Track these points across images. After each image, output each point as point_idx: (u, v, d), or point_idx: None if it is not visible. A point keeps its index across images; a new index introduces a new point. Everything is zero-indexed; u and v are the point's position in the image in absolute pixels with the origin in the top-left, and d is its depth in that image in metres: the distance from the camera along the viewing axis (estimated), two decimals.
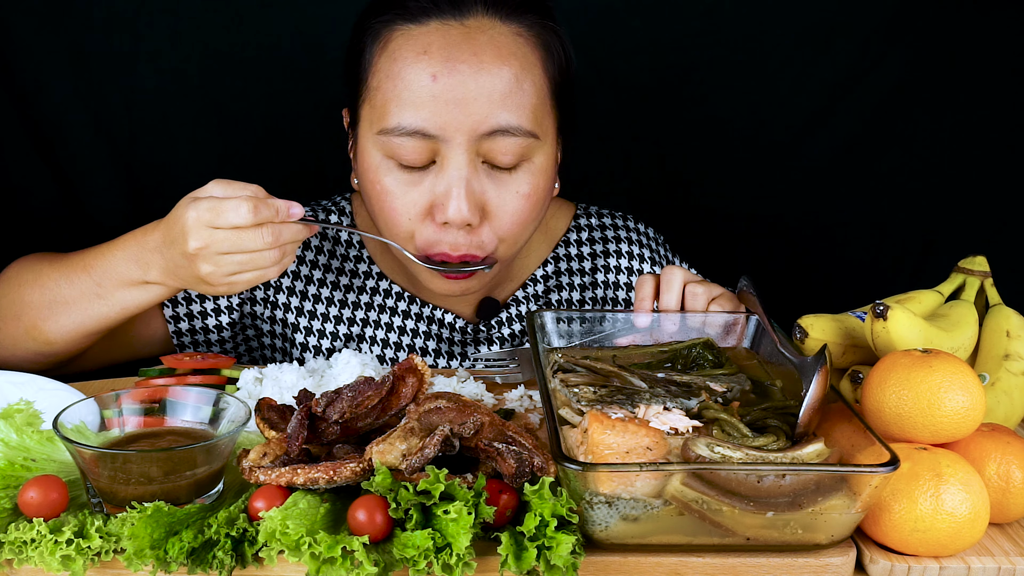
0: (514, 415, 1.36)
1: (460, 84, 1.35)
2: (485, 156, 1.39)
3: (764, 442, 1.10)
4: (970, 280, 1.45)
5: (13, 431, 1.15)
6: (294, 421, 1.12)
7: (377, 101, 1.40)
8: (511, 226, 1.44)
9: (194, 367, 1.42)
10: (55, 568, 0.99)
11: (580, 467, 0.99)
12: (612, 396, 1.20)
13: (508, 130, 1.37)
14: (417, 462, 1.04)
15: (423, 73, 1.36)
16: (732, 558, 1.04)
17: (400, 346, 1.62)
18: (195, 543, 1.00)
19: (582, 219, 1.71)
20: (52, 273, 1.46)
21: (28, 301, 1.46)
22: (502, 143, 1.38)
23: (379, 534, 1.01)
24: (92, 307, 1.42)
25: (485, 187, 1.41)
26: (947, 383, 1.12)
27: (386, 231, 1.46)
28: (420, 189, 1.41)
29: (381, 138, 1.40)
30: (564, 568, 0.97)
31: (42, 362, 1.49)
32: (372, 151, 1.43)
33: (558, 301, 1.65)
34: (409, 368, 1.19)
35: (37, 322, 1.45)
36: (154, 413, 1.16)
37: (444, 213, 1.39)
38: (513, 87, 1.37)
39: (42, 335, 1.45)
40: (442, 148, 1.38)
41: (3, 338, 1.49)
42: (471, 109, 1.35)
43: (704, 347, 1.36)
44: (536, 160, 1.43)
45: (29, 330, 1.46)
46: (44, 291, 1.45)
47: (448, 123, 1.36)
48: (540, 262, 1.67)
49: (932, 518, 1.04)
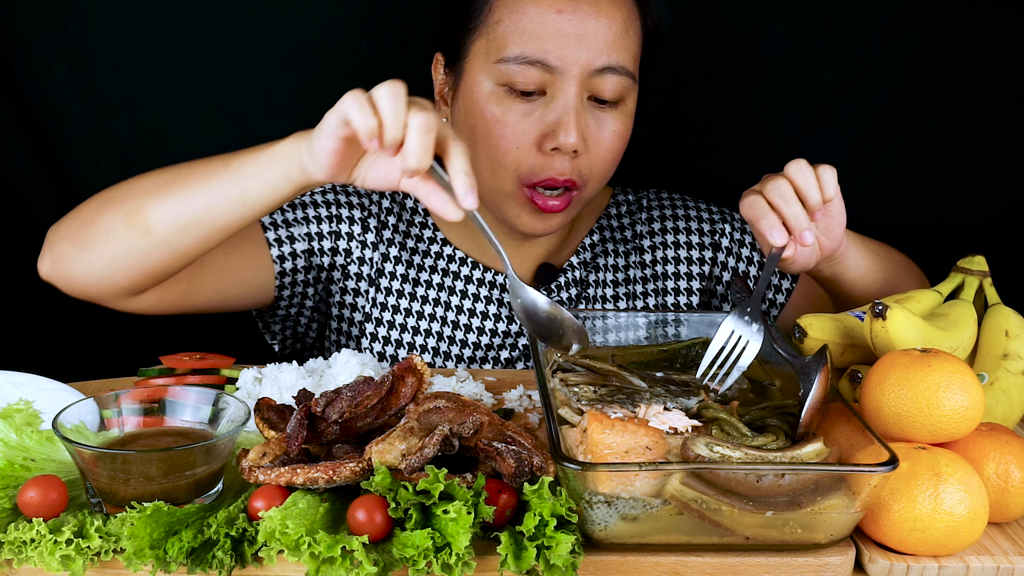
0: (513, 415, 1.37)
1: (581, 21, 1.46)
2: (592, 91, 1.50)
3: (763, 441, 1.11)
4: (969, 280, 1.45)
5: (13, 431, 1.15)
6: (293, 421, 1.12)
7: (498, 33, 1.50)
8: (604, 161, 1.55)
9: (193, 367, 1.42)
10: (55, 568, 0.99)
11: (579, 467, 0.99)
12: (612, 395, 1.20)
13: (616, 69, 1.49)
14: (416, 462, 1.04)
15: (548, 8, 1.47)
16: (731, 557, 1.04)
17: (462, 309, 1.70)
18: (195, 543, 1.00)
19: (619, 196, 1.83)
20: (185, 164, 1.39)
21: (137, 187, 1.39)
22: (609, 80, 1.49)
23: (379, 534, 1.01)
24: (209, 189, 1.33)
25: (588, 121, 1.51)
26: (946, 383, 1.12)
27: (492, 160, 1.53)
28: (531, 119, 1.49)
29: (499, 67, 1.49)
30: (563, 568, 0.97)
31: (132, 267, 1.39)
32: (484, 81, 1.51)
33: (604, 265, 1.75)
34: (408, 368, 1.19)
35: (142, 204, 1.36)
36: (153, 413, 1.16)
37: (556, 139, 1.48)
38: (623, 31, 1.50)
39: (142, 220, 1.36)
40: (556, 80, 1.48)
41: (97, 231, 1.39)
42: (589, 44, 1.46)
43: (703, 347, 1.36)
44: (628, 103, 1.55)
45: (129, 214, 1.37)
46: (160, 176, 1.39)
47: (567, 55, 1.46)
48: (587, 231, 1.77)
49: (931, 517, 1.04)
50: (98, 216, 1.39)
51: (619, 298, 1.74)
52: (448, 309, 1.70)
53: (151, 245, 1.37)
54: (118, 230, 1.37)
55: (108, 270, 1.39)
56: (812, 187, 1.32)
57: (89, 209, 1.42)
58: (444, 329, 1.69)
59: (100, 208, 1.40)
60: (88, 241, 1.39)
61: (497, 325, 1.70)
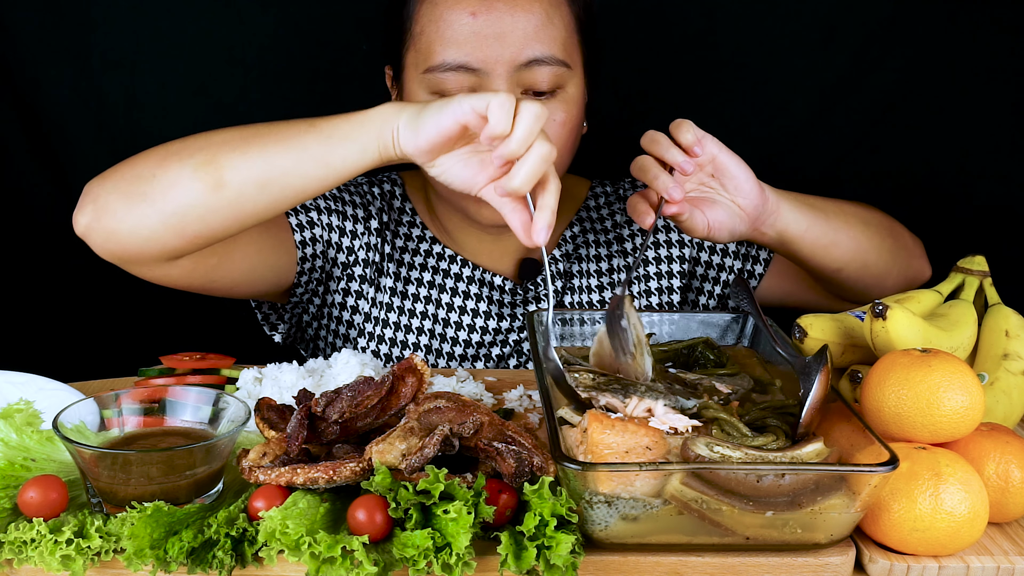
0: (514, 415, 1.37)
1: (497, 20, 1.48)
2: (525, 85, 1.51)
3: (763, 441, 1.11)
4: (969, 280, 1.45)
5: (13, 431, 1.15)
6: (294, 421, 1.12)
7: (422, 44, 1.52)
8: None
9: (193, 367, 1.42)
10: (55, 568, 0.99)
11: (579, 467, 0.99)
12: (608, 384, 1.19)
13: (543, 60, 1.50)
14: (417, 462, 1.04)
15: (463, 12, 1.49)
16: (731, 557, 1.04)
17: (452, 307, 1.71)
18: (195, 543, 1.00)
19: (597, 188, 1.85)
20: (257, 124, 1.36)
21: (208, 141, 1.34)
22: (538, 72, 1.50)
23: (379, 534, 1.01)
24: (293, 149, 1.30)
25: None
26: (946, 383, 1.12)
27: None
28: None
29: (427, 76, 1.51)
30: (564, 568, 0.97)
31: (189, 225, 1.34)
32: (418, 92, 1.54)
33: (587, 256, 1.77)
34: (408, 368, 1.19)
35: (217, 156, 1.31)
36: (154, 413, 1.17)
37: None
38: (544, 22, 1.51)
39: (216, 172, 1.31)
40: (484, 80, 1.49)
41: (159, 183, 1.32)
42: (508, 42, 1.48)
43: (705, 346, 1.36)
44: (569, 90, 1.55)
45: (200, 165, 1.31)
46: (233, 132, 1.35)
47: (488, 56, 1.48)
48: (567, 224, 1.79)
49: (931, 517, 1.04)
50: (160, 169, 1.33)
51: (603, 288, 1.76)
52: (439, 307, 1.71)
53: (220, 201, 1.31)
54: (184, 183, 1.31)
55: (162, 226, 1.33)
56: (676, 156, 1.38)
57: (147, 162, 1.35)
58: (436, 327, 1.71)
59: (163, 161, 1.34)
60: (146, 195, 1.32)
61: (488, 323, 1.71)
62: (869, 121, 2.07)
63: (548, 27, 1.51)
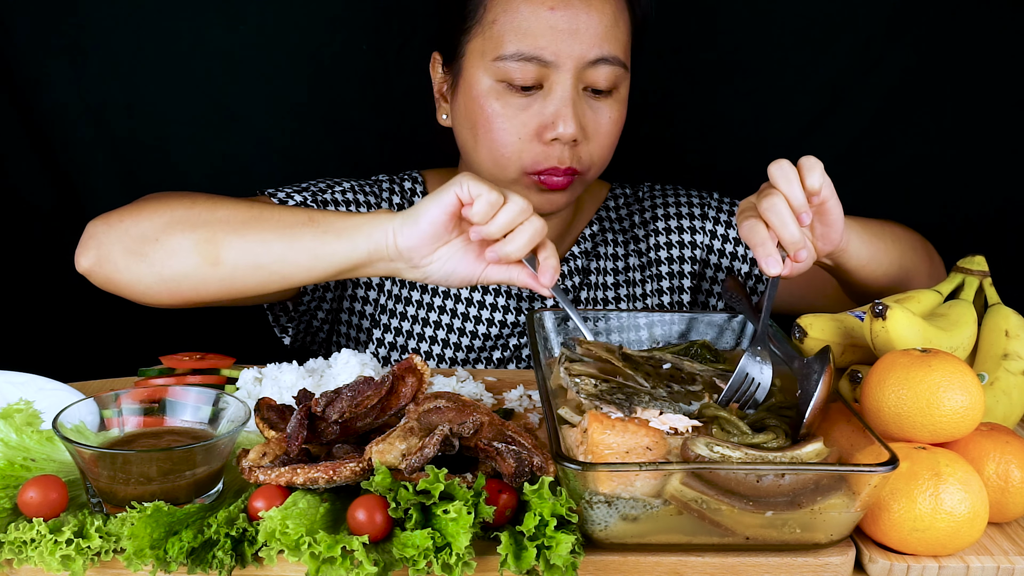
0: (514, 415, 1.37)
1: (573, 16, 1.52)
2: (586, 82, 1.56)
3: (763, 439, 1.11)
4: (969, 280, 1.45)
5: (13, 431, 1.15)
6: (294, 421, 1.12)
7: (494, 32, 1.55)
8: (603, 147, 1.62)
9: (193, 367, 1.42)
10: (55, 568, 0.99)
11: (579, 467, 0.99)
12: (612, 393, 1.19)
13: (609, 59, 1.55)
14: (417, 462, 1.04)
15: (541, 5, 1.53)
16: (731, 557, 1.04)
17: (455, 313, 1.73)
18: (195, 543, 1.00)
19: (617, 189, 1.89)
20: (258, 205, 1.41)
21: (212, 216, 1.39)
22: (603, 71, 1.55)
23: (379, 534, 1.01)
24: (289, 238, 1.35)
25: (585, 111, 1.57)
26: (946, 382, 1.12)
27: (491, 153, 1.59)
28: (530, 112, 1.56)
29: (496, 64, 1.55)
30: (564, 568, 0.97)
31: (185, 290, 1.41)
32: (483, 78, 1.57)
33: (604, 254, 1.81)
34: (408, 368, 1.19)
35: (217, 234, 1.38)
36: (154, 413, 1.17)
37: (555, 130, 1.54)
38: (613, 23, 1.56)
39: (214, 250, 1.38)
40: (552, 74, 1.54)
41: (161, 248, 1.39)
42: (581, 38, 1.53)
43: (703, 348, 1.36)
44: (622, 90, 1.62)
45: (203, 240, 1.38)
46: (237, 210, 1.40)
47: (561, 50, 1.52)
48: (587, 222, 1.83)
49: (931, 517, 1.04)
50: (164, 234, 1.39)
51: (619, 285, 1.79)
52: (442, 313, 1.73)
53: (215, 276, 1.39)
54: (183, 254, 1.38)
55: (159, 286, 1.40)
56: (799, 197, 1.30)
57: (152, 222, 1.41)
58: (438, 333, 1.73)
59: (167, 227, 1.39)
60: (147, 255, 1.39)
61: (490, 329, 1.73)
62: (869, 121, 2.07)
63: (615, 28, 1.56)
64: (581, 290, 1.78)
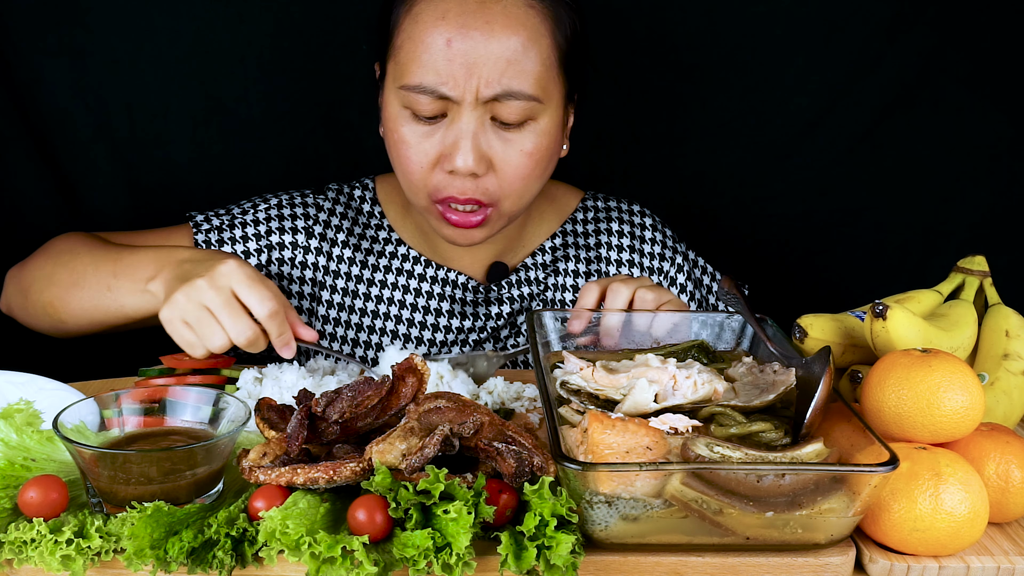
0: (514, 415, 1.37)
1: (471, 49, 1.47)
2: (493, 115, 1.52)
3: (762, 427, 1.11)
4: (969, 280, 1.45)
5: (13, 431, 1.15)
6: (294, 421, 1.12)
7: (400, 58, 1.54)
8: (514, 180, 1.56)
9: (193, 367, 1.42)
10: (55, 568, 0.99)
11: (580, 467, 0.99)
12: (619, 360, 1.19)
13: (512, 94, 1.49)
14: (417, 462, 1.04)
15: (439, 37, 1.48)
16: (732, 558, 1.04)
17: (416, 307, 1.74)
18: (195, 543, 1.00)
19: (589, 201, 1.85)
20: (84, 256, 1.56)
21: (55, 278, 1.57)
22: (508, 105, 1.50)
23: (379, 534, 1.01)
24: (101, 298, 1.51)
25: (492, 142, 1.53)
26: (946, 383, 1.12)
27: (402, 177, 1.61)
28: (432, 140, 1.54)
29: (401, 92, 1.53)
30: (564, 568, 0.97)
31: (63, 335, 1.63)
32: (393, 102, 1.56)
33: (564, 270, 1.78)
34: (409, 368, 1.19)
35: (54, 300, 1.57)
36: (154, 413, 1.17)
37: (452, 162, 1.52)
38: (520, 55, 1.49)
39: (56, 313, 1.57)
40: (453, 106, 1.51)
41: (28, 307, 1.62)
42: (480, 73, 1.48)
43: (698, 350, 1.36)
44: (541, 122, 1.55)
45: (46, 306, 1.58)
46: (70, 272, 1.55)
47: (459, 85, 1.48)
48: (549, 234, 1.80)
49: (931, 518, 1.04)
50: (27, 297, 1.62)
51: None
52: (403, 307, 1.74)
53: (70, 330, 1.60)
54: (40, 316, 1.62)
55: (49, 329, 1.64)
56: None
57: (32, 277, 1.62)
58: (399, 327, 1.73)
59: (33, 285, 1.61)
60: (26, 308, 1.64)
61: (452, 321, 1.73)
62: (869, 121, 2.07)
63: (523, 60, 1.49)
64: (531, 301, 1.75)
